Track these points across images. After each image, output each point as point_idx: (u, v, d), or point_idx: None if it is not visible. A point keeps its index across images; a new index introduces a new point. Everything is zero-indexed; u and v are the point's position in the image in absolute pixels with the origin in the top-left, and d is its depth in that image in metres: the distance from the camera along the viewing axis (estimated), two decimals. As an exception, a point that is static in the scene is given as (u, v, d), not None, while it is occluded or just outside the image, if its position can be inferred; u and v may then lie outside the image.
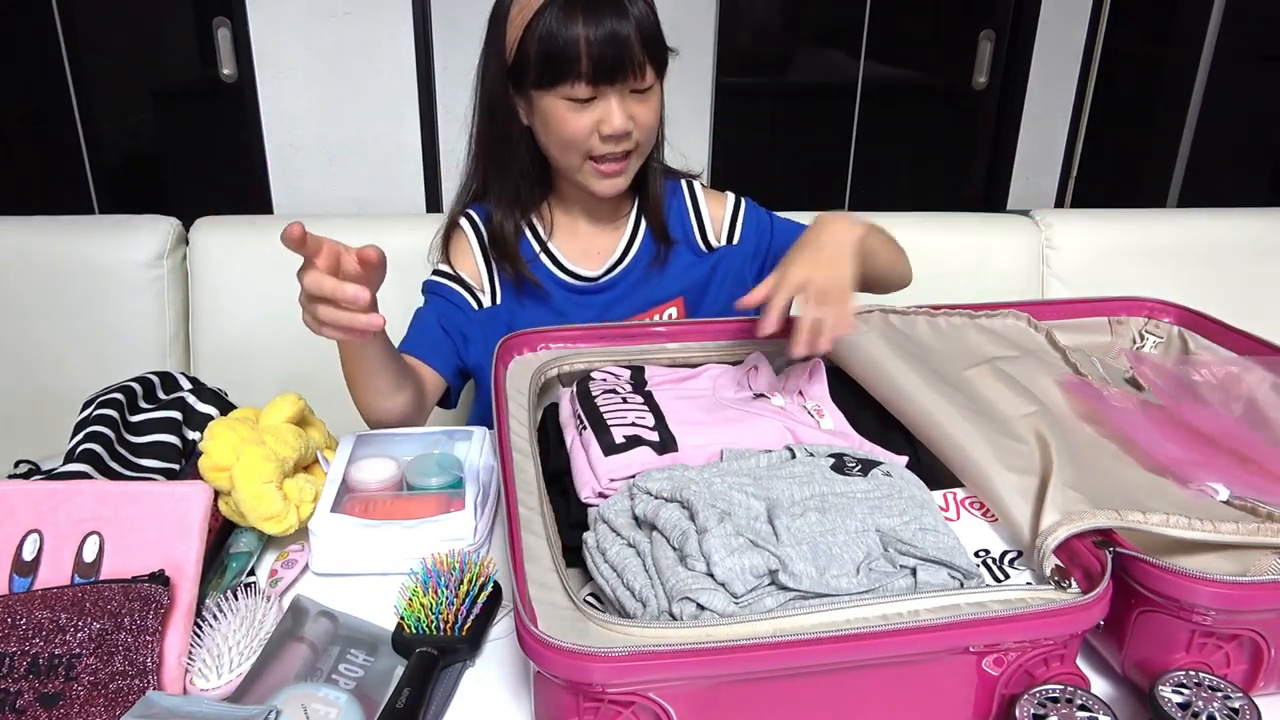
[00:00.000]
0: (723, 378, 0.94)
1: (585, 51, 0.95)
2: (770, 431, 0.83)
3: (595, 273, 1.14)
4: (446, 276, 1.14)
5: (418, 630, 0.72)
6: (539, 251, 1.14)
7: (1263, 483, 0.74)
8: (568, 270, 1.14)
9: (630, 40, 0.96)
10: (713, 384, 0.93)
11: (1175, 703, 0.61)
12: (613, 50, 0.95)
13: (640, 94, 1.00)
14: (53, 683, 0.65)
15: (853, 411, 0.90)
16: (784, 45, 2.60)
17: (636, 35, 0.96)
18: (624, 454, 0.78)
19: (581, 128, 1.00)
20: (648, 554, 0.68)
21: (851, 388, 0.93)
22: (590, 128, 1.00)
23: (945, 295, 1.06)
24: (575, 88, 0.97)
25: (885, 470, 0.75)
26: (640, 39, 0.96)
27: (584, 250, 1.15)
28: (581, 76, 0.96)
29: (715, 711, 0.60)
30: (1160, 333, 1.05)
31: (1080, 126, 2.61)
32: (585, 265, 1.15)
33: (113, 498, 0.75)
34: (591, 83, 0.97)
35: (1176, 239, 1.67)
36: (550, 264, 1.14)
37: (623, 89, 0.99)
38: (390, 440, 0.95)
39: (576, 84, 0.97)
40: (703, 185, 1.21)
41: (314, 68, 2.14)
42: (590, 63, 0.95)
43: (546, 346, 0.97)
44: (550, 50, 0.96)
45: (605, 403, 0.86)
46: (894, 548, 0.67)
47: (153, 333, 1.51)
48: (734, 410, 0.87)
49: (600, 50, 0.95)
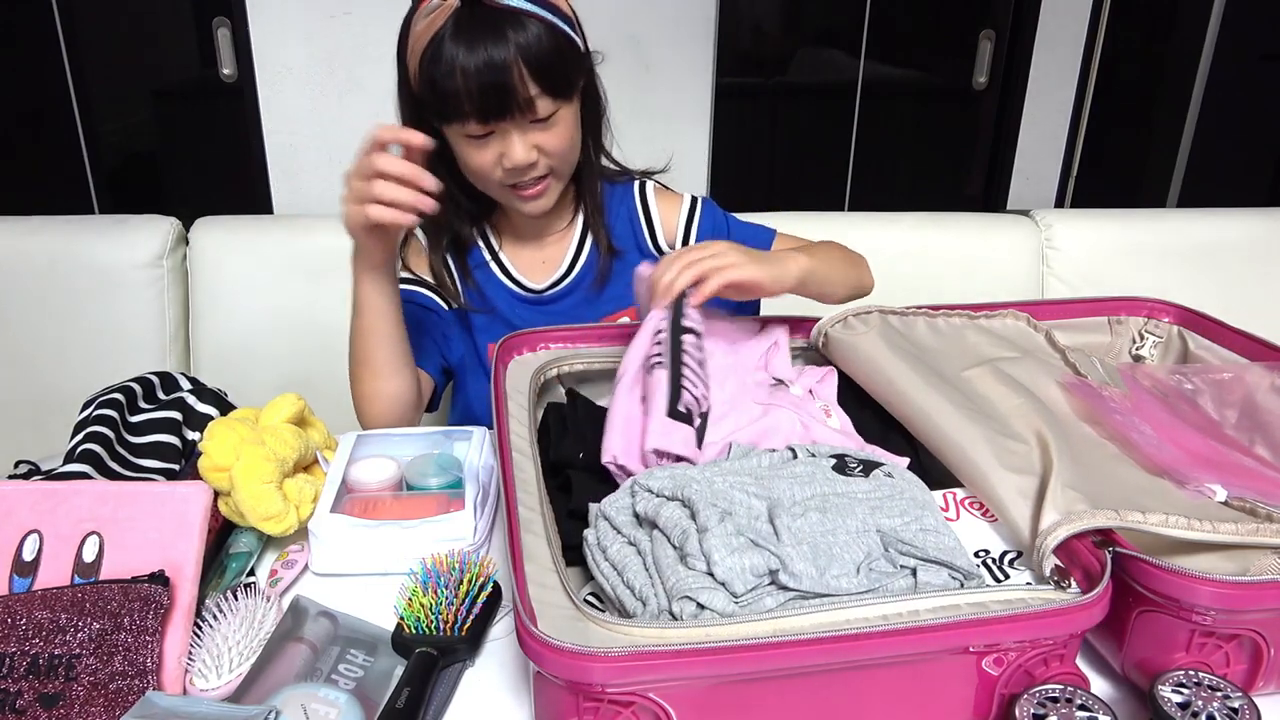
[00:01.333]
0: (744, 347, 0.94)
1: (466, 91, 0.92)
2: (785, 426, 0.83)
3: (541, 285, 1.14)
4: (410, 281, 1.14)
5: (417, 630, 0.72)
6: (489, 259, 1.14)
7: (1261, 484, 0.74)
8: (516, 280, 1.14)
9: (512, 75, 0.91)
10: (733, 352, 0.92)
11: (1175, 702, 0.61)
12: (494, 89, 0.92)
13: (541, 123, 0.97)
14: (53, 683, 0.65)
15: (853, 413, 0.90)
16: (784, 45, 2.60)
17: (520, 68, 0.92)
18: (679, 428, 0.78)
19: (485, 162, 0.98)
20: (648, 552, 0.68)
21: (852, 389, 0.93)
22: (494, 161, 0.98)
23: (945, 295, 1.06)
24: (467, 125, 0.95)
25: (887, 471, 0.75)
26: (527, 71, 0.92)
27: (532, 260, 1.14)
28: (469, 115, 0.94)
29: (715, 711, 0.60)
30: (1160, 333, 1.05)
31: (1080, 126, 2.61)
32: (533, 277, 1.14)
33: (113, 498, 0.75)
34: (480, 121, 0.95)
35: (1176, 239, 1.67)
36: (499, 273, 1.14)
37: (520, 122, 0.96)
38: (390, 440, 0.95)
39: (468, 122, 0.95)
40: (657, 185, 1.18)
41: (314, 68, 2.15)
42: (471, 101, 0.92)
43: (546, 346, 0.97)
44: (438, 89, 0.93)
45: (690, 352, 0.84)
46: (894, 548, 0.67)
47: (153, 333, 1.51)
48: (756, 402, 0.87)
49: (481, 90, 0.91)
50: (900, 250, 1.64)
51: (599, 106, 1.09)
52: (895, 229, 1.66)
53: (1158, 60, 2.85)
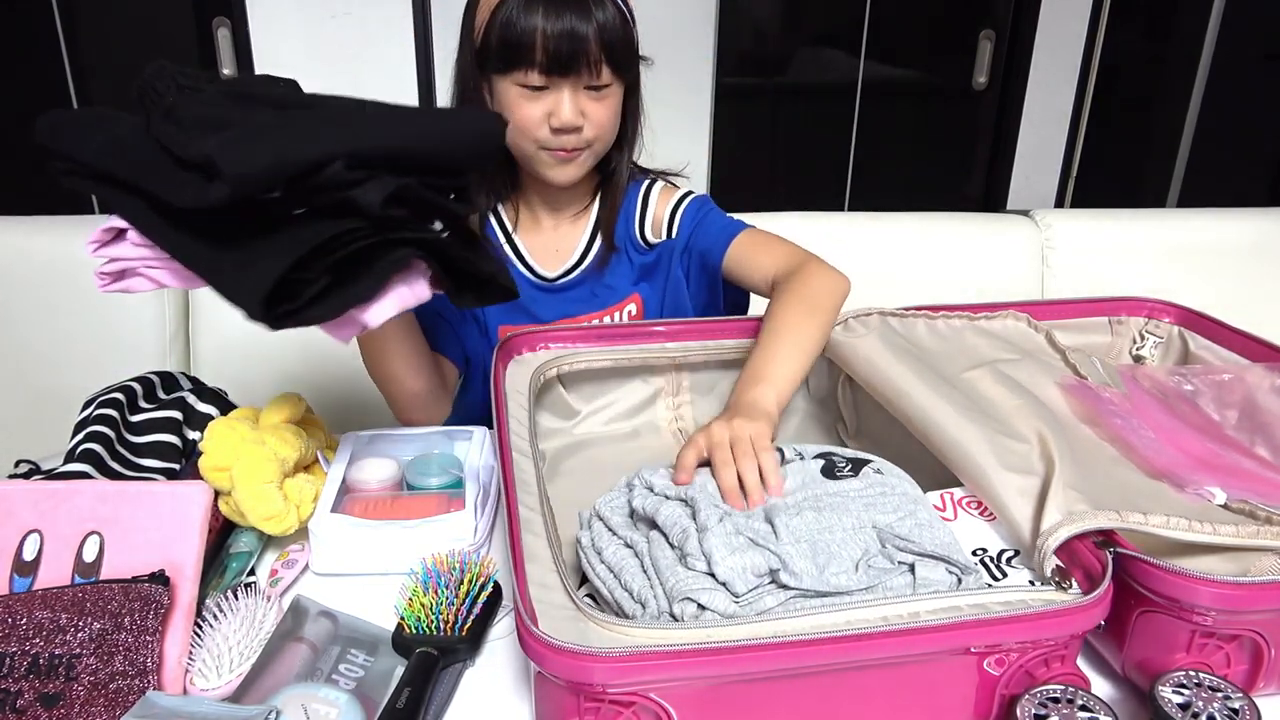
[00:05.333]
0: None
1: (540, 42, 0.96)
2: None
3: (553, 274, 1.15)
4: None
5: (418, 630, 0.72)
6: (503, 242, 1.15)
7: (1261, 486, 0.74)
8: (530, 267, 1.15)
9: (587, 38, 0.97)
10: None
11: (1175, 703, 0.61)
12: (568, 44, 0.96)
13: (595, 91, 1.01)
14: (53, 683, 0.65)
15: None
16: (784, 45, 2.60)
17: (596, 35, 0.97)
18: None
19: (532, 116, 1.01)
20: (645, 554, 0.68)
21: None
22: (541, 117, 1.01)
23: (945, 295, 1.06)
24: (529, 75, 0.99)
25: (876, 468, 0.75)
26: (600, 39, 0.97)
27: (546, 247, 1.16)
28: (535, 65, 0.98)
29: (716, 712, 0.60)
30: (1160, 333, 1.05)
31: (1080, 126, 2.61)
32: (546, 265, 1.15)
33: (113, 498, 0.75)
34: (544, 72, 0.98)
35: (1176, 239, 1.68)
36: (514, 257, 1.15)
37: (576, 83, 0.99)
38: (390, 440, 0.95)
39: (530, 72, 0.98)
40: (666, 183, 1.20)
41: (314, 68, 2.14)
42: (544, 53, 0.97)
43: (546, 346, 0.97)
44: (508, 37, 0.97)
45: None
46: (891, 544, 0.67)
47: (153, 333, 1.51)
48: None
49: (555, 43, 0.96)
50: (900, 250, 1.64)
51: (639, 112, 1.12)
52: (895, 229, 1.66)
53: (1158, 60, 2.85)
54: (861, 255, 1.59)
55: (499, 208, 1.15)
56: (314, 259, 0.66)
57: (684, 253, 1.15)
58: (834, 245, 1.15)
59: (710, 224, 1.14)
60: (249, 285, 0.65)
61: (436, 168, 0.73)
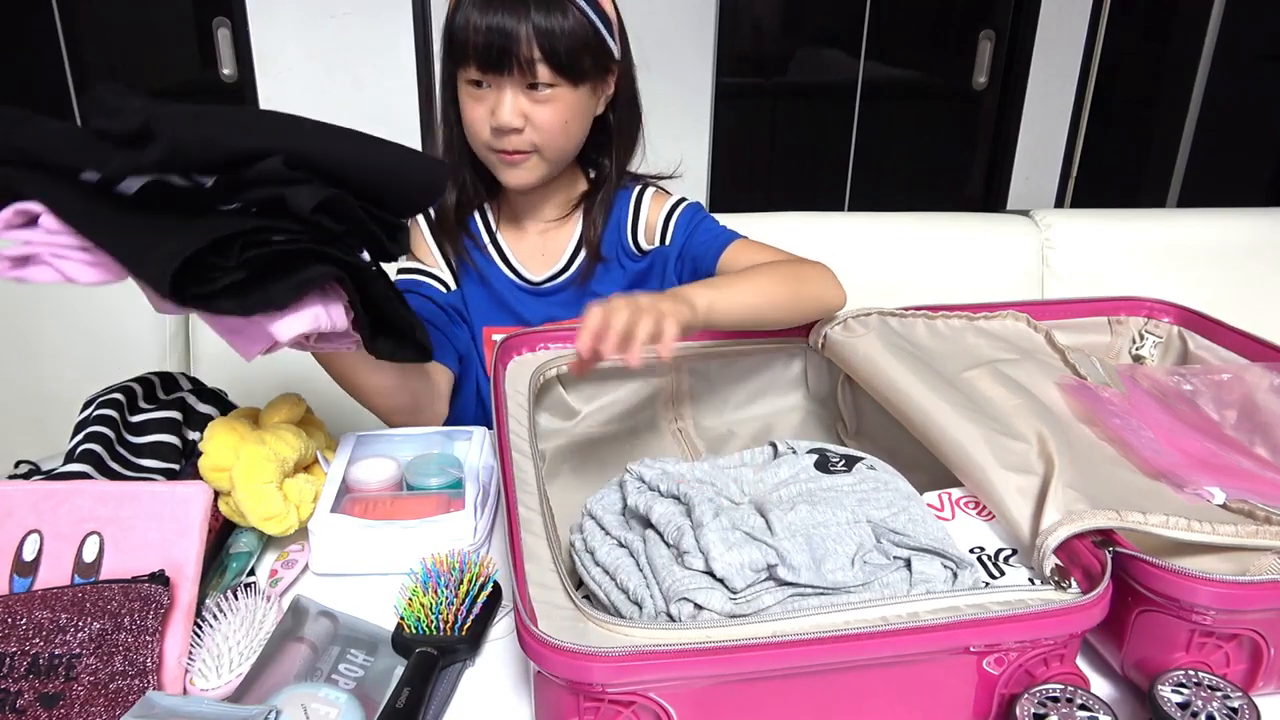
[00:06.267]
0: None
1: (472, 38, 0.97)
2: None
3: (538, 277, 1.15)
4: (409, 271, 1.15)
5: (418, 630, 0.72)
6: (487, 241, 1.15)
7: (1260, 485, 0.74)
8: (513, 268, 1.15)
9: (517, 36, 0.96)
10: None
11: (1175, 702, 0.61)
12: (498, 40, 0.96)
13: (535, 91, 1.00)
14: (53, 683, 0.65)
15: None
16: (784, 45, 2.60)
17: (530, 33, 0.96)
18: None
19: (477, 115, 1.02)
20: (640, 553, 0.68)
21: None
22: (484, 116, 1.02)
23: (945, 295, 1.06)
24: (469, 70, 1.00)
25: (869, 464, 0.75)
26: (535, 38, 0.97)
27: (531, 250, 1.15)
28: (470, 60, 0.99)
29: (716, 711, 0.60)
30: (1160, 333, 1.05)
31: (1080, 126, 2.61)
32: (531, 268, 1.15)
33: (113, 498, 0.75)
34: (480, 69, 0.99)
35: (1176, 239, 1.67)
36: (496, 256, 1.15)
37: (516, 83, 0.99)
38: (390, 440, 0.95)
39: (469, 67, 0.99)
40: (659, 190, 1.19)
41: (314, 68, 2.14)
42: (476, 49, 0.98)
43: (546, 346, 0.97)
44: (453, 30, 1.00)
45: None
46: (886, 538, 0.67)
47: (153, 333, 1.51)
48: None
49: (486, 38, 0.97)
50: (900, 250, 1.64)
51: (633, 121, 1.11)
52: (895, 229, 1.66)
53: (1157, 60, 2.85)
54: (861, 255, 1.59)
55: (485, 205, 1.15)
56: (234, 246, 0.65)
57: (678, 259, 1.15)
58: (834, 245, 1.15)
59: (704, 231, 1.14)
60: (162, 256, 0.63)
61: (373, 197, 0.73)
